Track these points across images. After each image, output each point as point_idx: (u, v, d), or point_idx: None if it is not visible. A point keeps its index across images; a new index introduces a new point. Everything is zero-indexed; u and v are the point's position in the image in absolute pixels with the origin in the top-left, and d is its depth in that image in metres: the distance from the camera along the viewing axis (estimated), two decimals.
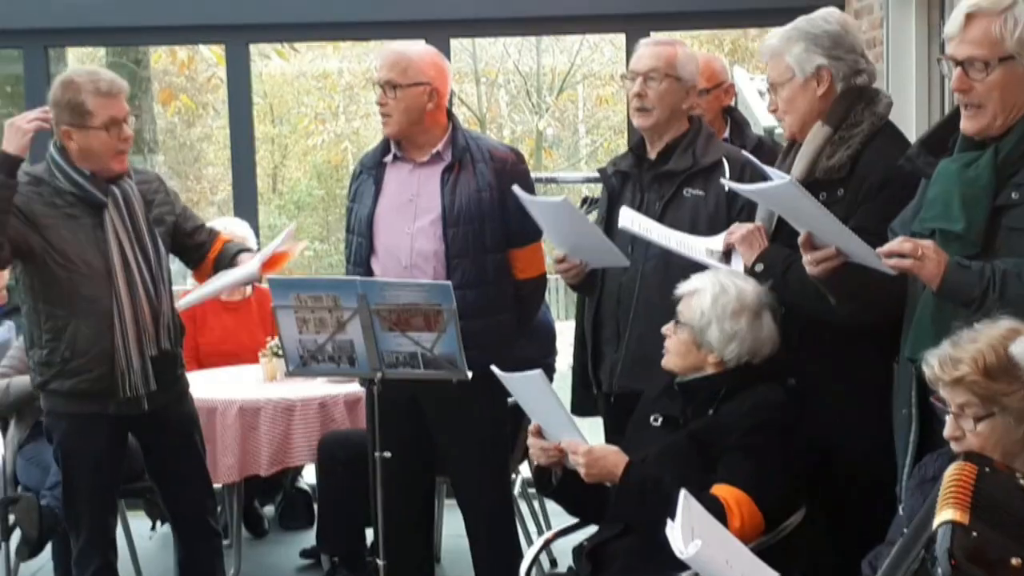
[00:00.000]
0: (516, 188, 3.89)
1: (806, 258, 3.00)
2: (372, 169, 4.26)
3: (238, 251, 4.28)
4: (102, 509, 4.18)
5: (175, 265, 4.35)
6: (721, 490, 3.12)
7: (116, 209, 3.97)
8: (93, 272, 3.94)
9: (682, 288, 3.43)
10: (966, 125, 2.84)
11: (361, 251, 4.22)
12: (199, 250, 4.28)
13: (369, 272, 4.16)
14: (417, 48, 4.29)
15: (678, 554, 2.50)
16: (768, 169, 3.19)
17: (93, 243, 3.95)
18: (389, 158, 4.24)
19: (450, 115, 4.24)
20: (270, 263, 4.04)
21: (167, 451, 4.25)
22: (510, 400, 4.65)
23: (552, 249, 4.06)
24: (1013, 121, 2.78)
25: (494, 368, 3.40)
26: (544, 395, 3.32)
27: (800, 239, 3.01)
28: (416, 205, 4.17)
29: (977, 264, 2.69)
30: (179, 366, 4.24)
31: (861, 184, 3.24)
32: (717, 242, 3.51)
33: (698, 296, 3.37)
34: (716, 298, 3.33)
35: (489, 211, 4.12)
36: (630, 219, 3.67)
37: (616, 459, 3.22)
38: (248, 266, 4.07)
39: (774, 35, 3.46)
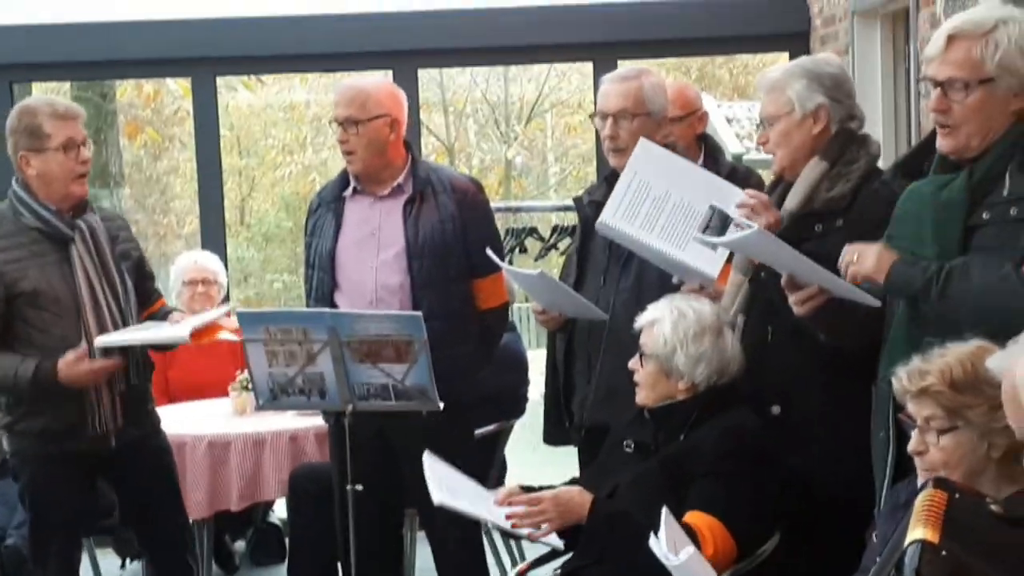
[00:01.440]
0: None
1: (792, 299, 3.02)
2: (331, 203, 4.24)
3: (172, 310, 4.29)
4: (70, 549, 4.13)
5: None
6: (693, 517, 3.11)
7: (83, 243, 3.93)
8: (62, 310, 3.89)
9: (641, 320, 3.43)
10: (942, 143, 2.87)
11: (323, 287, 4.20)
12: (145, 299, 4.21)
13: (333, 307, 4.13)
14: (372, 80, 4.30)
15: (667, 562, 2.52)
16: (735, 218, 3.24)
17: (60, 279, 3.90)
18: (348, 192, 4.22)
19: (408, 146, 4.23)
20: (202, 332, 3.98)
21: (141, 488, 4.19)
22: (478, 432, 4.67)
23: (524, 295, 4.06)
24: (989, 144, 2.81)
25: (426, 455, 3.50)
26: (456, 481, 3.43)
27: (783, 281, 3.03)
28: (379, 239, 4.15)
29: (925, 261, 2.74)
30: (148, 401, 4.19)
31: (861, 216, 3.24)
32: (729, 198, 3.46)
33: (658, 325, 3.36)
34: (676, 324, 3.33)
35: (452, 242, 4.12)
36: (610, 217, 3.62)
37: (581, 499, 3.22)
38: (180, 327, 3.99)
39: (776, 69, 3.49)
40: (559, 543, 3.27)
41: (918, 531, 2.21)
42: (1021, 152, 2.77)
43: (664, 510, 2.69)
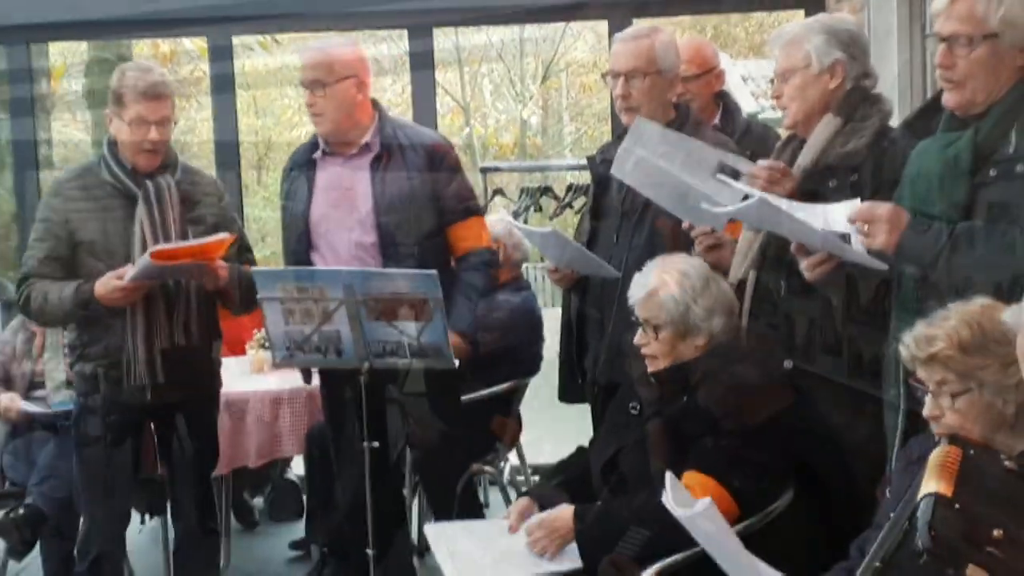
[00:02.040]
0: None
1: (802, 264, 3.04)
2: (304, 166, 4.30)
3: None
4: (108, 497, 4.20)
5: None
6: (690, 478, 3.11)
7: (146, 203, 4.00)
8: (114, 262, 3.97)
9: (635, 295, 3.41)
10: (947, 99, 2.88)
11: (300, 249, 4.25)
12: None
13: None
14: (336, 42, 4.35)
15: (681, 515, 2.57)
16: (735, 184, 3.24)
17: (120, 234, 4.00)
18: (318, 154, 4.26)
19: (376, 105, 4.26)
20: (165, 254, 3.91)
21: (174, 449, 4.29)
22: (493, 389, 4.70)
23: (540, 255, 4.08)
24: (995, 99, 2.80)
25: (427, 528, 3.69)
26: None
27: (792, 247, 3.05)
28: (349, 198, 4.20)
29: (937, 227, 2.74)
30: (201, 364, 4.22)
31: (874, 172, 3.25)
32: (736, 165, 3.47)
33: (662, 291, 3.34)
34: (681, 283, 3.33)
35: (421, 197, 4.16)
36: (632, 144, 3.63)
37: (565, 514, 3.26)
38: (147, 254, 3.94)
39: (793, 24, 3.51)
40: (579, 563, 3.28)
41: (932, 485, 2.22)
42: None
43: (668, 475, 2.71)
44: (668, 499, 2.66)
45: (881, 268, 2.86)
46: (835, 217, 3.06)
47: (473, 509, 4.63)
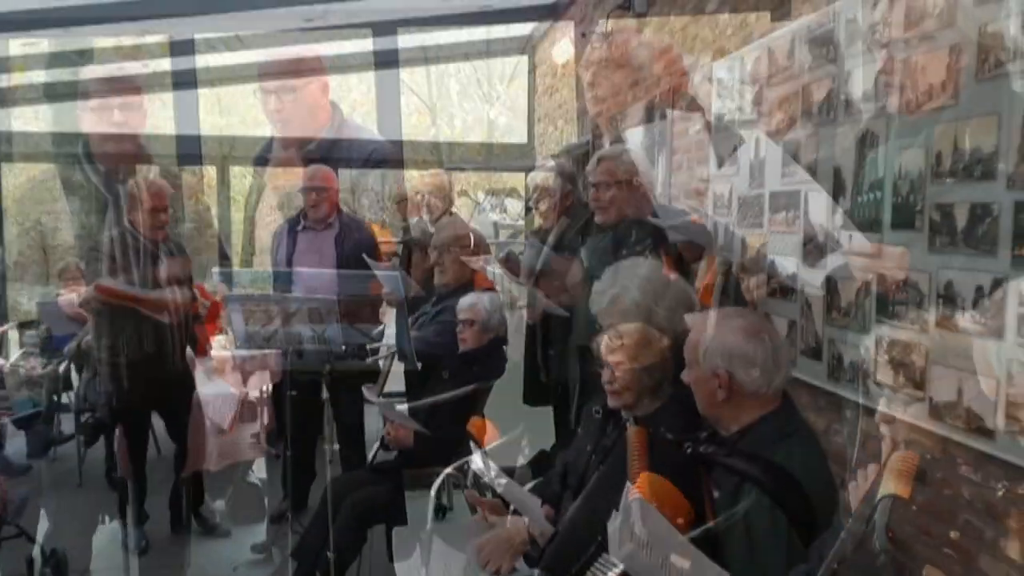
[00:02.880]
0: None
1: (743, 285, 3.07)
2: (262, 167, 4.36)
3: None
4: (78, 496, 4.24)
5: None
6: (648, 480, 3.09)
7: (115, 207, 4.08)
8: (96, 268, 4.04)
9: (598, 303, 3.42)
10: (892, 102, 2.90)
11: (250, 246, 4.28)
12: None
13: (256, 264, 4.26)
14: (297, 49, 4.39)
15: (612, 553, 2.53)
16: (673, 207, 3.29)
17: (92, 236, 4.11)
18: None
19: (334, 106, 4.31)
20: (108, 291, 3.93)
21: (145, 451, 4.35)
22: (459, 392, 4.70)
23: None
24: (946, 101, 2.83)
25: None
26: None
27: (734, 268, 3.09)
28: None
29: None
30: (174, 371, 4.28)
31: (849, 177, 3.27)
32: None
33: (624, 296, 3.35)
34: (642, 287, 3.34)
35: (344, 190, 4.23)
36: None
37: (514, 527, 3.28)
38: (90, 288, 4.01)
39: (780, 32, 3.52)
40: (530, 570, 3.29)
41: (890, 487, 2.24)
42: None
43: (627, 486, 2.71)
44: (613, 530, 2.63)
45: (819, 294, 2.90)
46: (814, 205, 3.10)
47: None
